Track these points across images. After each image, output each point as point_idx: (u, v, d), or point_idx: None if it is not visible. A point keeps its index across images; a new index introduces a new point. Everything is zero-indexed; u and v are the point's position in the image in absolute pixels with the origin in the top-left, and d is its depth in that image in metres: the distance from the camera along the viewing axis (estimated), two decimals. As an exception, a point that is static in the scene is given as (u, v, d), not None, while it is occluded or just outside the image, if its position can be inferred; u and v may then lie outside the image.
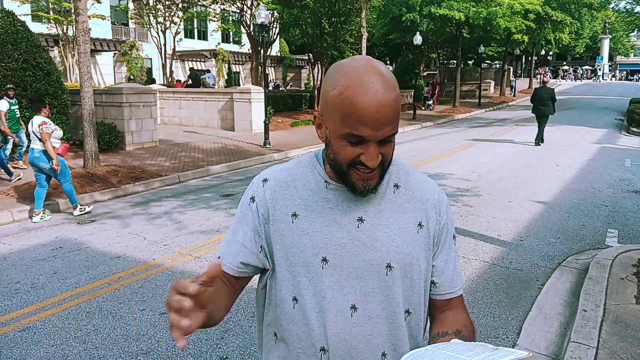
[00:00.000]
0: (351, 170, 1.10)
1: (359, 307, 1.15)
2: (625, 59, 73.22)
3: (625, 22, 31.70)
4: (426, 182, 1.27)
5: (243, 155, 12.60)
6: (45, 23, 22.81)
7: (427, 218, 1.22)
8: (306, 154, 1.28)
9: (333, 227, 1.16)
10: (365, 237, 1.15)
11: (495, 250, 5.79)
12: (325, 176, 1.20)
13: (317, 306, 1.15)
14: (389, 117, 1.04)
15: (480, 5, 25.04)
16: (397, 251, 1.17)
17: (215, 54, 31.62)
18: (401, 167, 1.27)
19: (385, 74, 1.05)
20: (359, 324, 1.15)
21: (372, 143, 1.05)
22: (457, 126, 20.80)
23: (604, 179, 9.75)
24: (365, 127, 1.03)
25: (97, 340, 3.83)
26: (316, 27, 22.43)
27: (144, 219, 7.21)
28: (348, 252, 1.15)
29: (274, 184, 1.23)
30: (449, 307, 1.26)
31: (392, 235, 1.17)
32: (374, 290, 1.16)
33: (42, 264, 5.45)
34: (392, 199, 1.21)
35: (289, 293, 1.17)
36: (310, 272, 1.15)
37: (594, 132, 17.85)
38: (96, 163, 9.60)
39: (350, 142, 1.07)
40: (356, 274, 1.15)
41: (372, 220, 1.17)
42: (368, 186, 1.12)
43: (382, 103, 1.02)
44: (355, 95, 1.03)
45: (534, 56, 45.53)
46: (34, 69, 11.12)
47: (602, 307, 4.09)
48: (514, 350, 0.89)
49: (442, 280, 1.25)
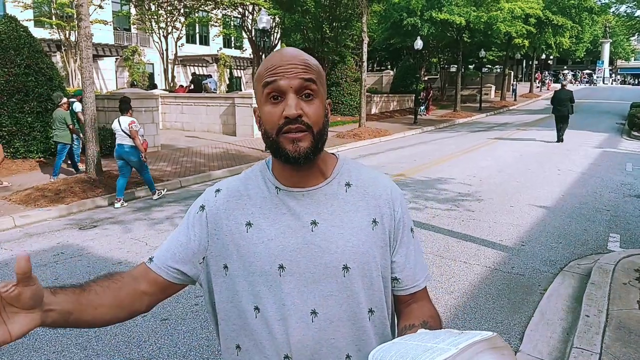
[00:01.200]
0: (281, 137, 1.10)
1: (319, 311, 1.14)
2: (625, 63, 73.28)
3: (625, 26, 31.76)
4: (378, 178, 1.26)
5: (245, 160, 12.61)
6: (48, 28, 22.90)
7: (382, 214, 1.21)
8: (255, 165, 1.28)
9: (287, 233, 1.15)
10: (319, 240, 1.14)
11: (497, 255, 5.78)
12: (275, 181, 1.19)
13: (278, 314, 1.14)
14: (300, 63, 1.10)
15: (481, 9, 25.10)
16: (353, 251, 1.15)
17: (217, 59, 31.72)
18: (352, 165, 1.26)
19: (291, 47, 1.17)
20: (320, 328, 1.13)
21: (290, 94, 1.08)
22: (458, 130, 20.80)
23: (606, 184, 9.74)
24: (276, 75, 1.09)
25: (98, 346, 3.83)
26: (317, 32, 22.51)
27: (145, 225, 7.22)
28: (304, 257, 1.14)
29: (226, 194, 1.23)
30: (413, 300, 1.25)
31: (347, 235, 1.16)
32: (333, 294, 1.14)
33: (43, 269, 5.45)
34: (345, 198, 1.19)
35: (250, 303, 1.16)
36: (268, 280, 1.14)
37: (595, 136, 17.84)
38: (98, 168, 9.61)
39: (272, 100, 1.10)
40: (313, 278, 1.14)
41: (325, 222, 1.16)
42: (299, 149, 1.09)
43: (291, 54, 1.11)
44: (269, 58, 1.14)
45: (534, 60, 45.57)
46: (36, 74, 11.16)
47: (605, 312, 4.08)
48: (479, 332, 0.89)
49: (405, 276, 1.24)
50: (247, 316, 1.16)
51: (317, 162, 1.17)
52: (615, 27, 52.96)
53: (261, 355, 1.16)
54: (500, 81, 38.51)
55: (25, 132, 11.08)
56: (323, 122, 1.13)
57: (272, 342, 1.14)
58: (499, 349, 0.87)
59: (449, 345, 0.87)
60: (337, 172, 1.22)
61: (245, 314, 1.17)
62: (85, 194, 8.55)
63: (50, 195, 8.34)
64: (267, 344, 1.15)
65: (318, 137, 1.12)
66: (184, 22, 27.04)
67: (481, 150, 14.54)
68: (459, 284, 4.94)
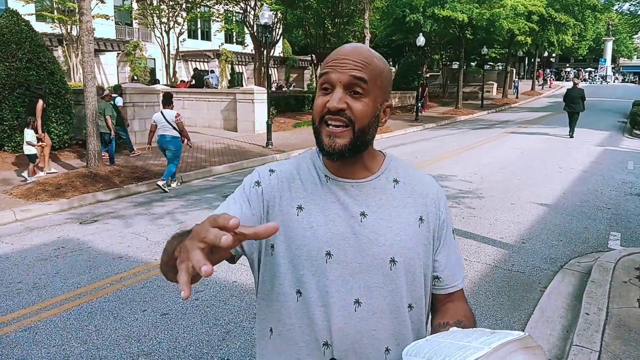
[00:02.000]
0: (322, 127, 1.14)
1: (363, 301, 1.14)
2: (628, 61, 73.09)
3: (628, 24, 31.68)
4: (424, 178, 1.30)
5: (246, 155, 12.61)
6: (49, 23, 22.87)
7: (427, 213, 1.23)
8: (307, 150, 1.29)
9: (337, 221, 1.16)
10: (368, 231, 1.16)
11: (498, 253, 5.78)
12: (325, 170, 1.21)
13: (320, 300, 1.14)
14: (355, 60, 1.12)
15: (484, 6, 25.01)
16: (401, 245, 1.17)
17: (218, 55, 31.66)
18: (399, 163, 1.29)
19: (362, 45, 1.19)
20: (362, 318, 1.14)
21: (338, 87, 1.11)
22: (459, 128, 20.77)
23: (607, 182, 9.72)
24: (329, 67, 1.13)
25: (98, 340, 3.84)
26: (319, 27, 22.47)
27: (146, 219, 7.22)
28: (352, 246, 1.15)
29: (280, 175, 1.23)
30: (450, 300, 1.28)
31: (395, 229, 1.18)
32: (378, 285, 1.16)
33: (44, 263, 5.46)
34: (393, 194, 1.22)
35: (292, 286, 1.16)
36: (314, 265, 1.15)
37: (597, 134, 17.81)
38: (99, 163, 9.61)
39: (323, 90, 1.14)
40: (360, 268, 1.15)
41: (374, 214, 1.17)
42: (334, 144, 1.12)
43: (352, 48, 1.15)
44: (334, 51, 1.17)
45: (537, 58, 45.44)
46: (37, 68, 11.15)
47: (605, 310, 4.08)
48: (511, 331, 0.91)
49: (446, 275, 1.27)
50: (288, 299, 1.16)
51: (364, 157, 1.20)
52: (619, 24, 52.79)
53: (298, 339, 1.16)
54: (502, 78, 38.41)
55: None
56: (369, 122, 1.14)
57: (311, 328, 1.15)
58: (530, 349, 0.90)
59: (482, 344, 0.89)
60: (385, 167, 1.24)
61: (286, 296, 1.17)
62: (86, 189, 8.56)
63: (51, 189, 8.34)
64: (307, 329, 1.15)
65: (359, 134, 1.14)
66: (186, 17, 27.00)
67: (483, 148, 14.52)
68: (459, 281, 4.93)
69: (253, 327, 4.01)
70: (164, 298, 4.56)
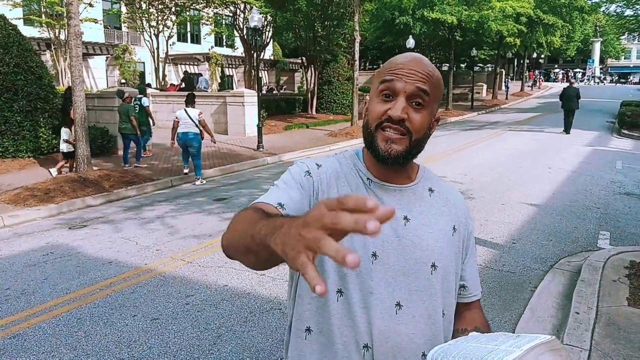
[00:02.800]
0: (378, 132, 1.14)
1: (404, 304, 1.15)
2: (616, 62, 73.82)
3: (615, 26, 31.94)
4: (454, 190, 1.35)
5: (236, 159, 12.57)
6: (37, 27, 22.69)
7: (459, 223, 1.27)
8: (346, 151, 1.29)
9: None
10: (412, 235, 1.17)
11: (488, 253, 5.80)
12: (367, 172, 1.22)
13: (362, 302, 1.13)
14: (422, 72, 1.12)
15: (473, 8, 25.18)
16: (441, 252, 1.20)
17: (208, 58, 31.58)
18: (431, 174, 1.32)
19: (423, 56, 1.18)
20: (402, 322, 1.14)
21: (401, 96, 1.12)
22: (449, 129, 20.85)
23: (596, 181, 9.80)
24: (395, 76, 1.12)
25: (88, 346, 3.80)
26: (309, 30, 22.48)
27: (136, 224, 7.17)
28: (395, 249, 1.15)
29: (327, 170, 1.22)
30: (468, 308, 1.31)
31: (436, 236, 1.20)
32: (419, 289, 1.16)
33: (32, 269, 5.41)
34: (430, 202, 1.24)
35: (334, 285, 1.14)
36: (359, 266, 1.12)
37: (586, 134, 17.95)
38: (88, 167, 9.54)
39: (384, 97, 1.14)
40: (403, 271, 1.15)
41: (416, 219, 1.19)
42: (390, 150, 1.13)
43: (415, 59, 1.14)
44: (395, 58, 1.18)
45: (526, 59, 45.76)
46: (25, 73, 11.06)
47: (595, 309, 4.10)
48: (538, 335, 0.97)
49: (470, 284, 1.32)
50: (328, 298, 1.14)
51: (407, 165, 1.22)
52: (606, 26, 53.27)
53: (337, 340, 1.14)
54: (492, 80, 38.63)
55: (15, 132, 10.98)
56: (424, 133, 1.17)
57: (351, 329, 1.13)
58: (557, 351, 0.95)
59: (512, 347, 0.93)
60: (421, 176, 1.27)
61: (327, 295, 1.13)
62: (75, 194, 8.49)
63: (40, 194, 8.27)
64: (347, 330, 1.13)
65: (414, 144, 1.15)
66: (175, 21, 26.89)
67: (473, 149, 14.58)
68: (450, 281, 4.94)
69: (245, 331, 3.99)
70: (154, 303, 4.53)
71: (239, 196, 8.80)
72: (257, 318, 4.21)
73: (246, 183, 10.04)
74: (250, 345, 3.79)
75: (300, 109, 23.66)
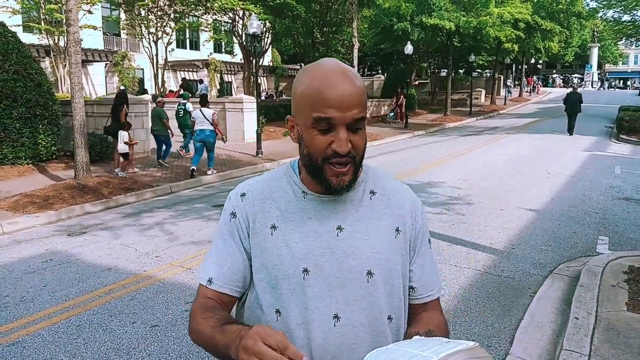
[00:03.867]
0: (326, 165, 1.11)
1: (342, 316, 1.14)
2: (614, 67, 74.05)
3: (613, 31, 32.02)
4: (401, 188, 1.29)
5: (235, 165, 12.58)
6: (37, 34, 22.73)
7: (404, 223, 1.24)
8: (282, 165, 1.29)
9: (312, 237, 1.16)
10: (345, 245, 1.16)
11: (487, 259, 5.80)
12: (303, 186, 1.20)
13: (300, 318, 1.14)
14: (354, 98, 1.08)
15: (471, 15, 25.28)
16: (377, 257, 1.17)
17: (207, 64, 31.63)
18: (376, 174, 1.28)
19: (347, 67, 1.13)
20: (342, 333, 1.14)
21: (341, 127, 1.08)
22: (448, 135, 20.90)
23: (594, 186, 9.81)
24: (331, 109, 1.06)
25: (87, 354, 3.79)
26: (308, 37, 22.58)
27: (135, 230, 7.17)
28: (329, 261, 1.15)
29: (252, 197, 1.23)
30: (424, 309, 1.28)
31: (372, 242, 1.18)
32: (357, 299, 1.16)
33: (31, 276, 5.40)
34: (369, 206, 1.21)
35: (272, 306, 1.17)
36: (291, 283, 1.15)
37: (584, 139, 17.99)
38: (87, 174, 9.54)
39: (320, 129, 1.09)
40: (338, 282, 1.15)
41: (350, 228, 1.17)
42: (342, 182, 1.12)
43: (346, 87, 1.08)
44: (321, 83, 1.08)
45: (524, 65, 45.90)
46: (24, 79, 11.08)
47: (594, 314, 4.10)
48: (462, 341, 0.94)
49: (420, 285, 1.27)
50: (268, 319, 1.16)
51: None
52: (604, 31, 53.46)
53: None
54: (490, 85, 38.73)
55: (14, 138, 10.99)
56: (364, 148, 1.15)
57: None
58: (480, 359, 0.91)
59: (432, 354, 0.90)
60: (362, 179, 1.23)
61: (266, 317, 1.17)
62: (74, 200, 8.49)
63: (39, 201, 8.27)
64: None
65: (358, 164, 1.15)
66: (174, 27, 26.94)
67: (471, 154, 14.61)
68: (450, 287, 4.95)
69: (244, 338, 3.98)
70: (153, 310, 4.53)
71: (238, 202, 8.79)
72: (257, 324, 4.20)
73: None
74: (250, 351, 3.78)
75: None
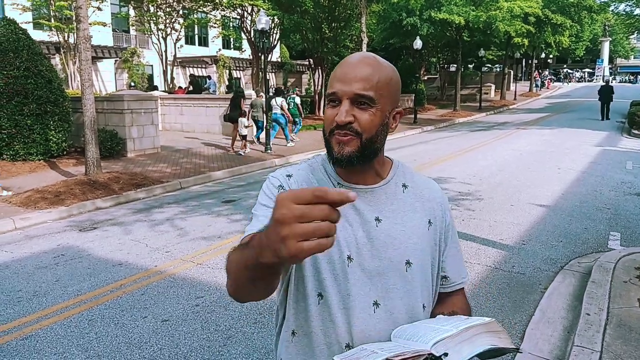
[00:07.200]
0: (332, 137, 1.17)
1: (381, 303, 1.19)
2: (625, 61, 73.24)
3: (625, 25, 31.74)
4: (430, 182, 1.36)
5: (244, 161, 12.61)
6: (47, 31, 22.87)
7: (435, 216, 1.30)
8: (316, 156, 1.31)
9: (354, 226, 1.20)
10: (384, 236, 1.21)
11: (498, 255, 5.78)
12: (337, 177, 1.24)
13: (341, 303, 1.18)
14: (360, 76, 1.13)
15: (480, 9, 25.09)
16: (414, 248, 1.23)
17: (216, 60, 31.67)
18: (406, 169, 1.34)
19: (369, 55, 1.20)
20: (381, 319, 1.19)
21: (345, 101, 1.14)
22: (457, 130, 20.80)
23: (606, 182, 9.73)
24: (337, 83, 1.15)
25: (99, 348, 3.83)
26: (316, 32, 22.51)
27: (145, 226, 7.22)
28: (369, 250, 1.19)
29: (297, 180, 1.25)
30: (450, 295, 1.37)
31: (408, 232, 1.23)
32: (396, 287, 1.21)
33: (44, 271, 5.45)
34: (403, 199, 1.27)
35: (314, 289, 1.19)
36: (335, 269, 1.18)
37: (595, 134, 17.84)
38: (98, 170, 9.61)
39: (331, 105, 1.17)
40: (377, 271, 1.20)
41: (388, 219, 1.22)
42: (342, 152, 1.15)
43: (357, 66, 1.15)
44: (340, 64, 1.19)
45: (534, 59, 45.52)
46: (35, 76, 11.15)
47: (606, 310, 4.08)
48: (480, 317, 1.06)
49: (452, 274, 1.35)
50: (310, 302, 1.20)
51: (374, 163, 1.23)
52: (615, 25, 52.88)
53: (320, 341, 1.20)
54: (499, 80, 38.46)
55: (25, 135, 11.07)
56: (376, 131, 1.17)
57: (333, 330, 1.18)
58: (495, 332, 1.00)
59: (452, 327, 1.00)
60: (393, 173, 1.29)
61: (308, 299, 1.20)
62: (85, 196, 8.55)
63: (50, 197, 8.34)
64: (329, 331, 1.19)
65: (366, 144, 1.16)
66: (183, 24, 27.00)
67: (481, 150, 14.53)
68: (460, 283, 4.93)
69: (254, 332, 4.01)
70: (164, 304, 4.56)
71: (247, 198, 8.83)
72: (267, 319, 4.22)
73: (254, 185, 10.06)
74: (260, 346, 3.81)
75: (307, 110, 23.67)
